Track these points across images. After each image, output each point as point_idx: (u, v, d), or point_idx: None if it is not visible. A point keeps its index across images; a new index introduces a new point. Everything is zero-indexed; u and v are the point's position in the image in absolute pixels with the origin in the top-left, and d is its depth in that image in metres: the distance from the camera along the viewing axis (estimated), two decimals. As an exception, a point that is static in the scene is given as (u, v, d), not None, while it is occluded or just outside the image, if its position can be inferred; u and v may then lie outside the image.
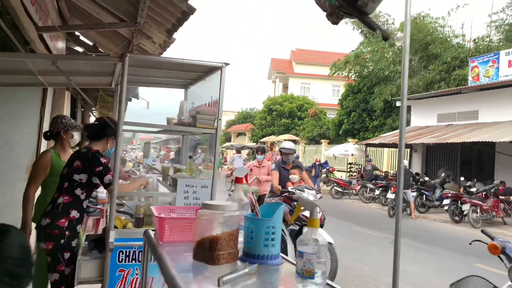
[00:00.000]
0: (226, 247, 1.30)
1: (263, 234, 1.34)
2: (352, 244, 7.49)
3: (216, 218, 1.29)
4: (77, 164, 2.73)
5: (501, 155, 13.73)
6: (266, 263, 1.33)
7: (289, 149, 5.65)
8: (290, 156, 5.62)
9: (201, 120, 2.81)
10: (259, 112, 36.01)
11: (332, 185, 16.20)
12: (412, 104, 17.75)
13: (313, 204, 1.21)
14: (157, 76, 3.49)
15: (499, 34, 19.88)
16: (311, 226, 1.15)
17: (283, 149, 5.65)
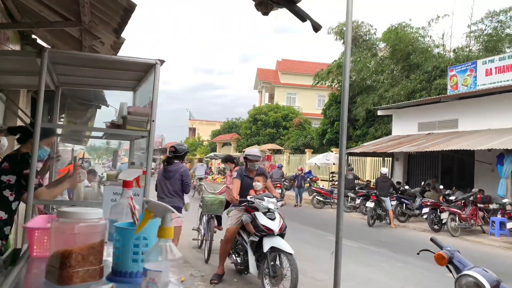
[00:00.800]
0: (84, 263, 1.08)
1: (131, 248, 1.12)
2: (324, 254, 7.25)
3: (69, 228, 1.07)
4: (5, 165, 2.70)
5: (480, 163, 13.75)
6: (135, 281, 1.11)
7: (255, 156, 5.43)
8: (255, 164, 5.41)
9: (132, 121, 2.60)
10: (244, 122, 35.89)
11: (314, 194, 16.01)
12: (394, 113, 17.80)
13: (165, 208, 1.00)
14: (99, 76, 3.28)
15: (478, 44, 20.15)
16: (161, 236, 0.93)
17: (249, 155, 5.42)
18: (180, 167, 5.39)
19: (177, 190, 5.28)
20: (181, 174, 5.30)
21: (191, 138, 51.97)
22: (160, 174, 5.52)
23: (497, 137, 11.58)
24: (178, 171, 5.33)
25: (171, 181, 5.32)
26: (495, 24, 19.28)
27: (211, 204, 6.23)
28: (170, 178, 5.35)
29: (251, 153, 5.48)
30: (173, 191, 5.30)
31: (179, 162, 5.48)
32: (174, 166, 5.41)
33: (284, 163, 27.73)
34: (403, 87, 19.17)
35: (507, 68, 12.96)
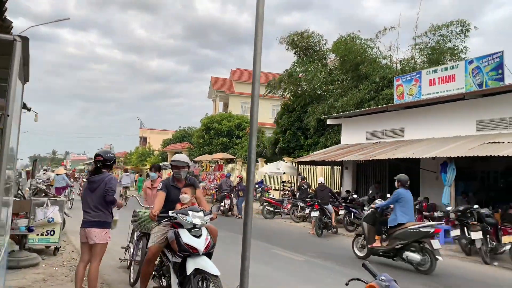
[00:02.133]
0: None
1: None
2: (265, 270, 6.78)
3: None
4: None
5: (426, 171, 13.97)
6: None
7: (180, 161, 4.79)
8: (182, 171, 4.79)
9: (-24, 116, 1.97)
10: (196, 130, 35.06)
11: (264, 204, 15.58)
12: (343, 122, 17.87)
13: None
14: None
15: (423, 56, 20.85)
16: None
17: (174, 161, 4.79)
18: (105, 176, 4.68)
19: (103, 203, 4.57)
20: (105, 183, 4.60)
21: (141, 148, 50.17)
22: (85, 187, 4.81)
23: (441, 145, 11.76)
24: (103, 181, 4.63)
25: (96, 193, 4.61)
26: (438, 37, 20.05)
27: (145, 220, 5.53)
28: (94, 190, 4.64)
29: (176, 158, 4.83)
30: (99, 204, 4.59)
31: (106, 172, 4.78)
32: (98, 177, 4.70)
33: (237, 173, 27.23)
34: (352, 97, 19.36)
35: (450, 79, 13.31)
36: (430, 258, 7.13)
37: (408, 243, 7.39)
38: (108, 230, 4.64)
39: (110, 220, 4.70)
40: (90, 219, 4.57)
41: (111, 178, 4.69)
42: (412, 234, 7.40)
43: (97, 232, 4.51)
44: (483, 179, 15.42)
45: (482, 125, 12.04)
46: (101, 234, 4.53)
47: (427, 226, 7.51)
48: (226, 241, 9.62)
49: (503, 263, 8.22)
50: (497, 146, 10.00)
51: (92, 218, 4.58)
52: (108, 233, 4.63)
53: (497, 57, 11.88)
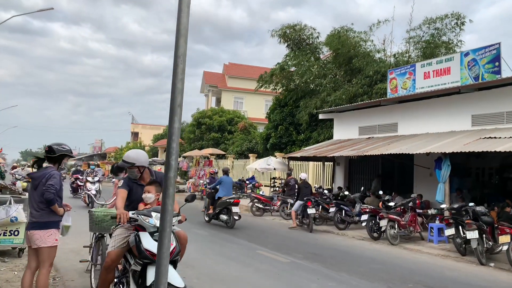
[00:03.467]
0: None
1: None
2: (245, 273, 6.32)
3: None
4: None
5: (419, 167, 13.57)
6: None
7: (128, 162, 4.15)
8: (130, 171, 4.20)
9: None
10: (187, 125, 34.49)
11: (253, 201, 15.11)
12: (335, 117, 17.43)
13: None
14: None
15: (417, 50, 20.41)
16: None
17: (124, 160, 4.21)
18: (47, 171, 4.16)
19: (44, 201, 4.06)
20: (46, 179, 4.08)
21: (132, 143, 49.48)
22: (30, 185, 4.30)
23: (435, 140, 11.34)
24: (44, 177, 4.11)
25: (38, 191, 4.11)
26: (432, 31, 19.61)
27: (102, 220, 5.00)
28: (36, 187, 4.13)
29: (125, 158, 4.23)
30: (40, 202, 4.08)
31: (51, 166, 4.26)
32: (40, 172, 4.19)
33: (229, 168, 26.74)
34: (345, 91, 18.91)
35: (445, 71, 12.88)
36: (232, 218, 11.29)
37: (221, 209, 11.51)
38: (53, 230, 4.13)
39: (57, 219, 4.19)
40: (33, 220, 4.08)
41: (53, 174, 4.14)
42: (223, 203, 11.49)
43: (40, 235, 4.01)
44: (478, 175, 15.06)
45: (477, 120, 11.63)
46: (45, 237, 4.03)
47: (231, 198, 11.56)
48: (205, 239, 9.17)
49: (500, 264, 7.82)
50: (492, 142, 9.59)
51: (34, 219, 4.08)
52: (54, 234, 4.12)
53: (494, 49, 11.45)
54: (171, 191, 2.48)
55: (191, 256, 7.26)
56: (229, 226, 11.27)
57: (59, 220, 4.25)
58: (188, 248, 7.90)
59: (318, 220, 12.69)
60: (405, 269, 7.13)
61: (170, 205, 2.48)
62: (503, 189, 13.54)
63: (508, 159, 12.92)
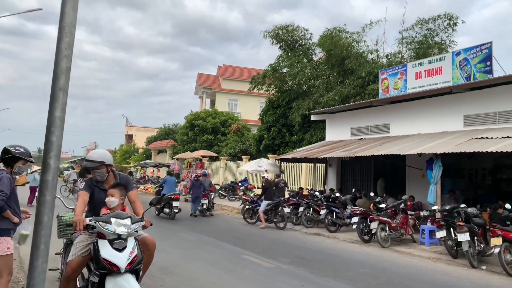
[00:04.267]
0: None
1: None
2: (226, 279, 6.07)
3: None
4: None
5: (411, 169, 13.39)
6: None
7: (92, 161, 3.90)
8: (97, 172, 3.93)
9: None
10: (180, 127, 34.21)
11: (245, 204, 14.84)
12: (327, 118, 17.24)
13: None
14: None
15: (410, 51, 20.28)
16: None
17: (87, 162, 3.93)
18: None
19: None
20: None
21: (126, 145, 49.12)
22: None
23: (427, 141, 11.16)
24: None
25: None
26: (425, 31, 19.49)
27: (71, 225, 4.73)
28: None
29: (90, 157, 3.94)
30: None
31: (3, 170, 3.98)
32: None
33: (221, 171, 26.51)
34: (337, 92, 18.75)
35: (436, 71, 12.72)
36: (173, 211, 13.32)
37: (165, 203, 13.57)
38: (4, 238, 3.85)
39: (8, 226, 3.91)
40: None
41: (1, 178, 3.82)
42: (166, 199, 13.54)
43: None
44: (470, 176, 14.90)
45: (469, 120, 11.46)
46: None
47: (172, 194, 13.55)
48: (192, 244, 8.91)
49: (492, 267, 7.62)
50: (485, 142, 9.41)
51: None
52: (5, 242, 3.85)
53: (486, 48, 11.29)
54: (48, 197, 1.99)
55: (174, 262, 7.03)
56: (170, 217, 13.26)
57: (11, 228, 3.96)
58: (172, 253, 7.70)
59: (309, 223, 12.48)
60: (395, 273, 6.91)
61: (46, 215, 1.99)
62: (496, 190, 13.38)
63: (500, 160, 12.77)
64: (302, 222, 12.57)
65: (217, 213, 15.96)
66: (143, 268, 3.71)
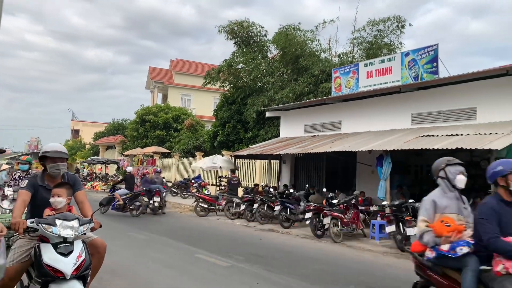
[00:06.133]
0: None
1: None
2: (179, 280, 5.86)
3: None
4: None
5: (362, 165, 13.78)
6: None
7: (59, 151, 3.61)
8: (61, 165, 3.61)
9: None
10: (130, 123, 33.04)
11: (198, 201, 14.57)
12: (282, 115, 17.35)
13: None
14: None
15: (361, 51, 20.90)
16: None
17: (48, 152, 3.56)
18: None
19: None
20: None
21: (71, 141, 46.73)
22: None
23: (376, 138, 11.51)
24: None
25: None
26: (375, 32, 20.15)
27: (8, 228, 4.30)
28: None
29: (53, 148, 3.62)
30: None
31: None
32: None
33: (173, 167, 25.91)
34: (291, 90, 18.90)
35: (386, 71, 13.15)
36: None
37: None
38: None
39: None
40: None
41: None
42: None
43: None
44: (417, 172, 15.63)
45: (417, 118, 11.97)
46: None
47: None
48: (143, 244, 8.56)
49: (437, 259, 7.97)
50: (431, 139, 9.85)
51: None
52: None
53: (432, 50, 11.83)
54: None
55: (124, 263, 6.68)
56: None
57: None
58: (122, 254, 7.31)
59: (264, 219, 12.47)
60: (348, 269, 7.03)
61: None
62: (440, 186, 14.09)
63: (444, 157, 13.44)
64: (256, 219, 12.54)
65: (169, 211, 15.54)
66: (91, 273, 3.42)
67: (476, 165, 12.57)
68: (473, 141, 8.69)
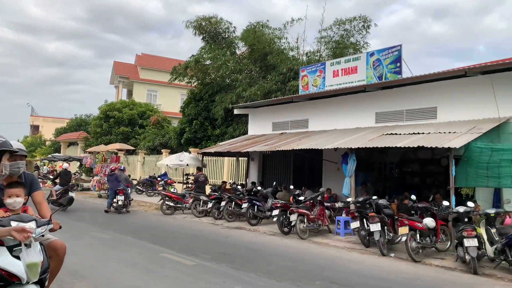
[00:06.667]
0: None
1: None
2: (143, 281, 5.73)
3: None
4: None
5: (328, 162, 14.01)
6: None
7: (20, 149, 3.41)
8: (21, 163, 3.41)
9: None
10: (94, 119, 32.03)
11: (164, 199, 14.33)
12: (250, 112, 17.35)
13: None
14: None
15: (328, 50, 21.21)
16: None
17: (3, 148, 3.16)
18: None
19: None
20: None
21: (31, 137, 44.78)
22: None
23: (342, 136, 11.73)
24: None
25: None
26: (342, 32, 20.51)
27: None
28: None
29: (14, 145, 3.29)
30: None
31: None
32: None
33: (138, 165, 25.36)
34: (260, 87, 18.93)
35: (352, 70, 13.41)
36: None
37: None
38: None
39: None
40: None
41: None
42: None
43: None
44: (380, 170, 16.06)
45: (380, 117, 12.28)
46: None
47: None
48: (106, 244, 8.32)
49: (399, 254, 8.23)
50: (394, 138, 10.14)
51: None
52: None
53: (396, 50, 12.17)
54: None
55: (86, 264, 6.46)
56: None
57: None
58: (84, 255, 7.06)
59: (231, 217, 12.43)
60: (313, 265, 7.11)
61: None
62: (402, 182, 14.59)
63: (406, 154, 13.92)
64: (224, 217, 12.48)
65: (134, 209, 15.19)
66: (50, 276, 3.26)
67: (437, 162, 13.10)
68: (433, 139, 9.01)
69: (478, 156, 8.57)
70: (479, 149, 8.55)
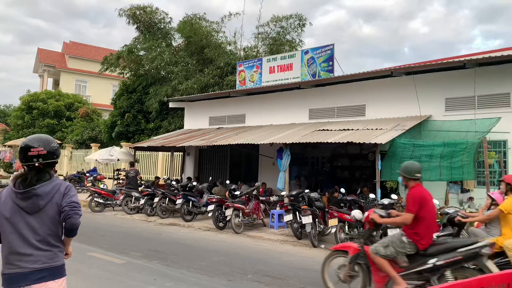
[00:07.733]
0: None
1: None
2: (71, 281, 5.37)
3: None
4: None
5: (264, 157, 14.19)
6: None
7: None
8: None
9: None
10: (14, 110, 29.50)
11: (93, 196, 13.57)
12: (186, 106, 17.02)
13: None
14: None
15: (265, 46, 21.44)
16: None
17: None
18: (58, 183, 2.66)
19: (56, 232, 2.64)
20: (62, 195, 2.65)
21: None
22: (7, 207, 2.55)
23: (277, 132, 11.92)
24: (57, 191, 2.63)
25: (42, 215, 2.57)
26: (278, 29, 20.83)
27: None
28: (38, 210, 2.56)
29: None
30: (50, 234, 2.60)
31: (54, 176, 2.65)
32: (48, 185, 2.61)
33: (65, 160, 23.79)
34: (196, 81, 18.62)
35: (288, 67, 13.66)
36: None
37: None
38: (65, 278, 2.65)
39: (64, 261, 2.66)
40: (35, 268, 2.47)
41: (69, 186, 2.67)
42: None
43: None
44: (313, 164, 16.61)
45: (314, 114, 12.67)
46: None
47: None
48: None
49: (329, 245, 8.50)
50: (326, 134, 10.51)
51: (38, 266, 2.47)
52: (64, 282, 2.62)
53: (329, 49, 12.60)
54: None
55: None
56: None
57: None
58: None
59: (164, 213, 12.11)
60: (246, 259, 7.15)
61: None
62: (333, 176, 15.22)
63: (337, 149, 14.53)
64: (157, 213, 12.12)
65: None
66: None
67: (365, 157, 13.83)
68: (362, 135, 9.48)
69: (402, 151, 9.17)
70: (402, 145, 9.14)
